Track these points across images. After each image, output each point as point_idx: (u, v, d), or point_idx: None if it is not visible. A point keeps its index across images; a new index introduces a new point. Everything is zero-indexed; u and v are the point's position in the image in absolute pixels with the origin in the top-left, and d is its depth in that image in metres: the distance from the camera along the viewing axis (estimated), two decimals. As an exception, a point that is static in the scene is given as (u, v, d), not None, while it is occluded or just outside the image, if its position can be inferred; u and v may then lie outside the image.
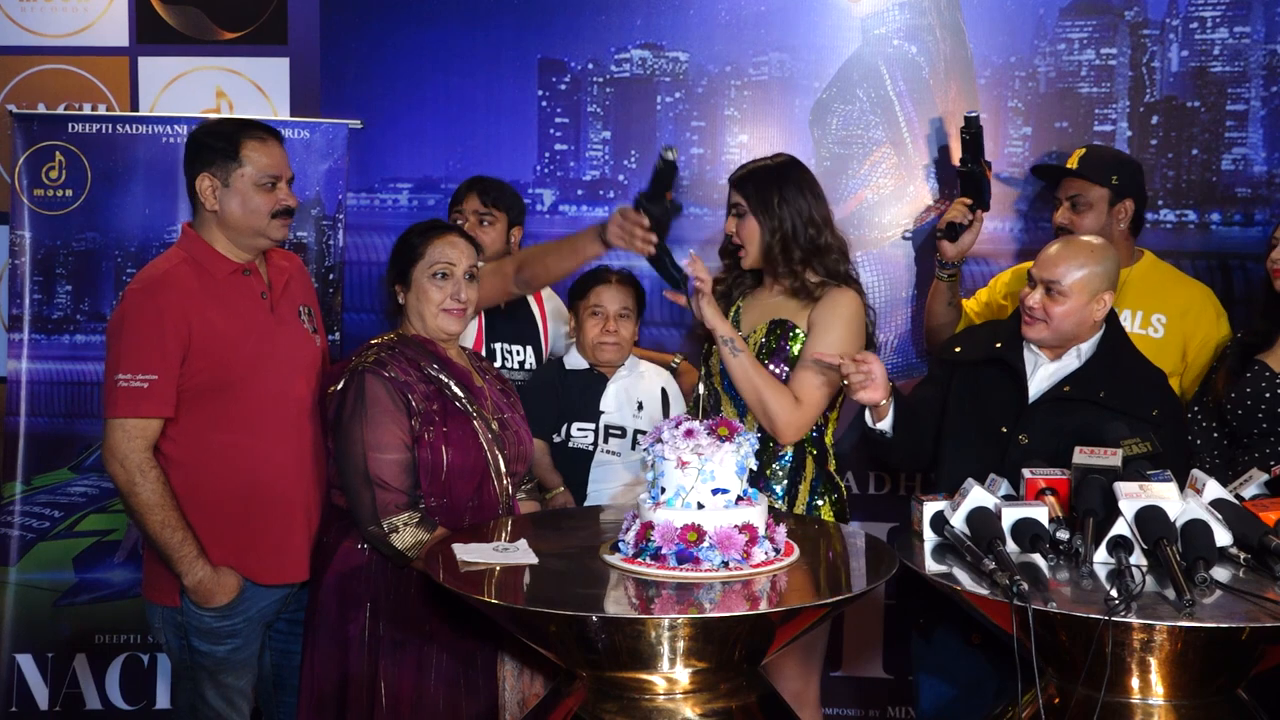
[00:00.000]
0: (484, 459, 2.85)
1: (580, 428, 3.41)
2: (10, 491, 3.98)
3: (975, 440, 3.00)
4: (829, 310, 3.08)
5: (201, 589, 2.86)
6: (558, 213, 4.08)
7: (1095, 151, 3.54)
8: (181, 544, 2.83)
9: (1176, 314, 3.42)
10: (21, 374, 4.01)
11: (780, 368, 3.08)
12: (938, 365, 3.23)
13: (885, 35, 3.95)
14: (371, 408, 2.77)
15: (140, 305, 2.85)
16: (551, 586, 2.46)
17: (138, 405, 2.81)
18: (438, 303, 2.90)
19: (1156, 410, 2.92)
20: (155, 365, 2.81)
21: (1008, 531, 2.50)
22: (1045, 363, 3.01)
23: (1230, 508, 2.49)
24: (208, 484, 2.88)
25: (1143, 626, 2.21)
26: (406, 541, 2.73)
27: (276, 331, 2.96)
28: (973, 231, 3.56)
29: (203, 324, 2.85)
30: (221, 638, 2.93)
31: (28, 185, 4.01)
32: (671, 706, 2.37)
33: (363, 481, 2.76)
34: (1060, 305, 2.93)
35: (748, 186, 3.14)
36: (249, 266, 2.96)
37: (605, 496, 3.36)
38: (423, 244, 2.93)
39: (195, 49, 4.25)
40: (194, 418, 2.86)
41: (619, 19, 4.03)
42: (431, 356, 2.90)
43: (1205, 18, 3.82)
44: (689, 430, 2.50)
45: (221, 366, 2.86)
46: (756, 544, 2.45)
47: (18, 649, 3.99)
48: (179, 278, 2.89)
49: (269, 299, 2.98)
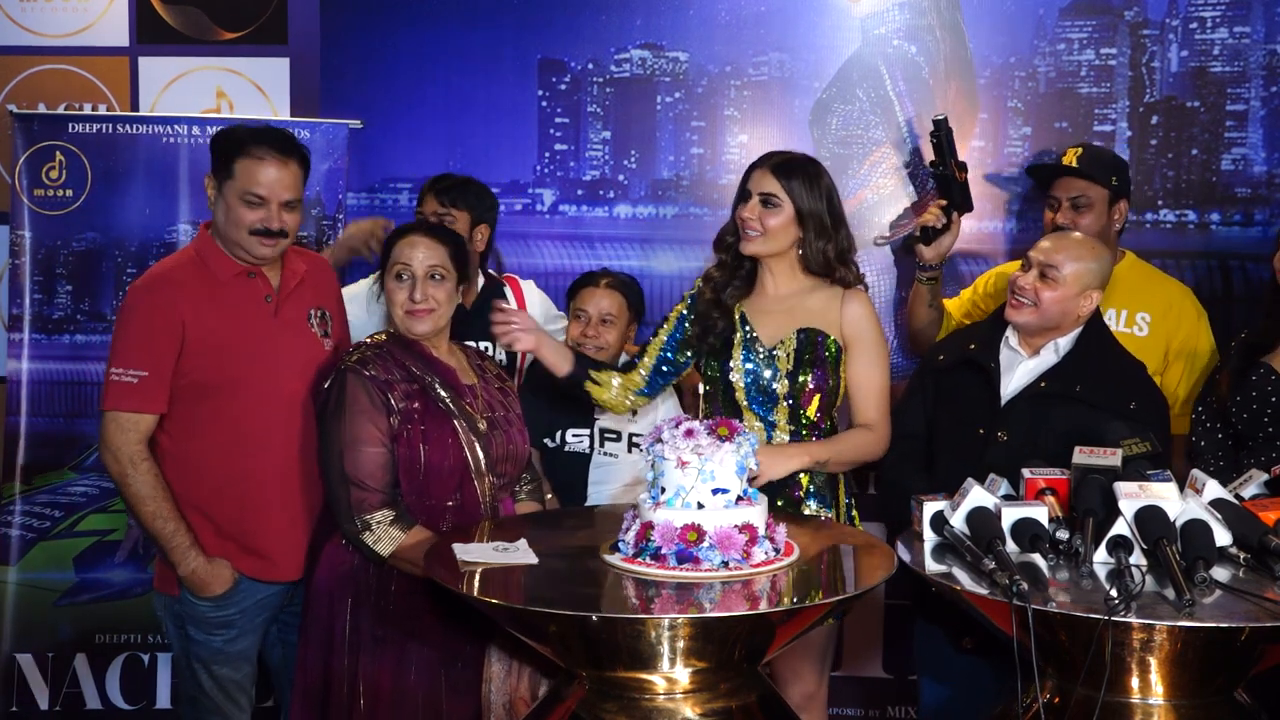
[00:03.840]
0: (463, 459, 2.85)
1: (575, 433, 3.40)
2: (10, 491, 3.98)
3: (958, 442, 3.05)
4: (865, 325, 3.07)
5: (195, 579, 2.92)
6: (558, 213, 4.08)
7: (1092, 151, 3.55)
8: (173, 535, 2.89)
9: (1159, 312, 3.44)
10: (21, 374, 4.01)
11: (821, 376, 3.04)
12: (918, 377, 3.26)
13: (885, 35, 3.95)
14: (350, 406, 2.80)
15: (138, 302, 2.92)
16: (551, 586, 2.46)
17: (129, 399, 2.87)
18: (400, 304, 2.89)
19: (1135, 403, 2.95)
20: (147, 362, 2.87)
21: (1007, 531, 2.49)
22: (1023, 359, 3.05)
23: (1230, 508, 2.49)
24: (202, 480, 2.93)
25: (1142, 626, 2.21)
26: (380, 539, 2.76)
27: (278, 334, 2.98)
28: (951, 234, 3.57)
29: (198, 323, 2.89)
30: (216, 628, 2.97)
31: (28, 185, 4.01)
32: (671, 706, 2.36)
33: (339, 480, 2.80)
34: (1052, 291, 2.97)
35: (791, 174, 3.06)
36: (253, 269, 2.99)
37: (605, 496, 3.36)
38: (390, 246, 2.96)
39: (195, 49, 4.25)
40: (189, 414, 2.91)
41: (619, 19, 4.03)
42: (416, 355, 2.91)
43: (1205, 18, 3.83)
44: (689, 430, 2.50)
45: (216, 366, 2.90)
46: (756, 544, 2.45)
47: (18, 649, 3.99)
48: (181, 276, 2.94)
49: (273, 302, 3.00)
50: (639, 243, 4.04)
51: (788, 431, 3.05)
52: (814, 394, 3.04)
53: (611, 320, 3.40)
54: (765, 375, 3.04)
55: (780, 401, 3.04)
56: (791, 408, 3.04)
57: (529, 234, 3.86)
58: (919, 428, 3.16)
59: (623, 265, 3.92)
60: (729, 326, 3.10)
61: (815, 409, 3.05)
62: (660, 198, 4.05)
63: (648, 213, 4.06)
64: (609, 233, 4.07)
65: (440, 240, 2.96)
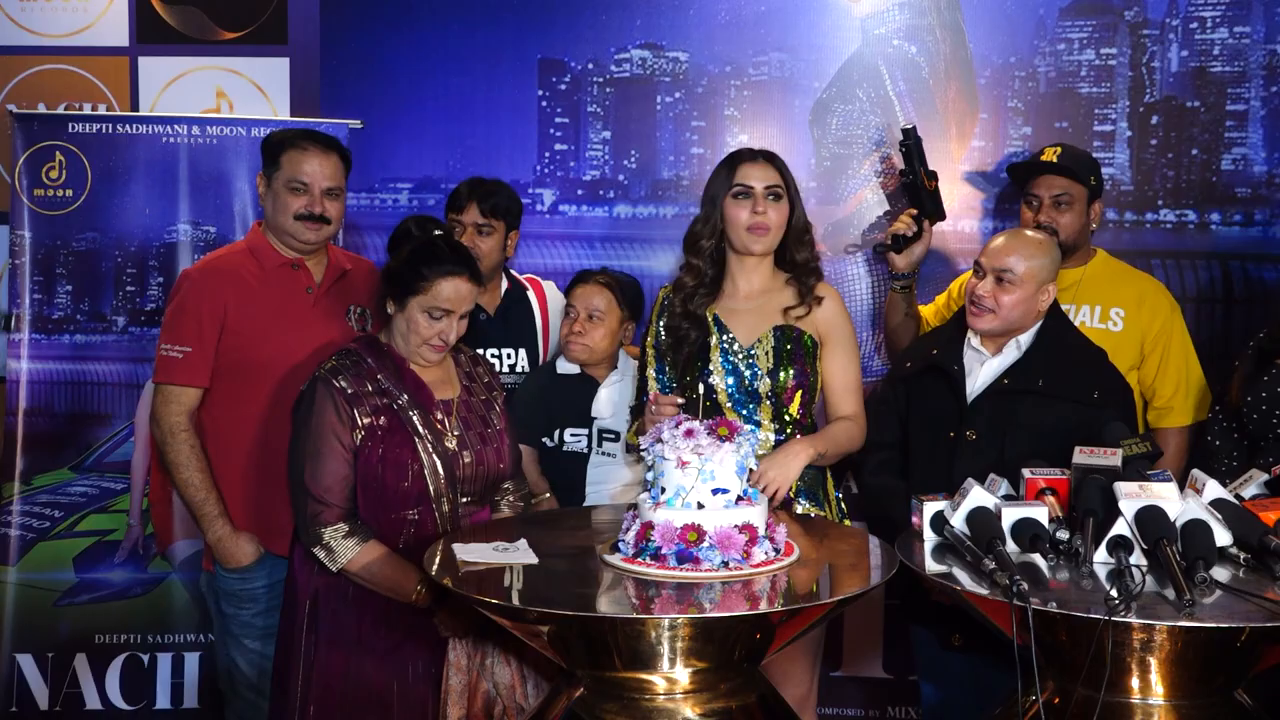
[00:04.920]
0: (422, 483, 2.83)
1: (574, 433, 3.40)
2: (10, 491, 3.98)
3: (930, 446, 3.08)
4: (840, 321, 3.11)
5: (221, 547, 3.18)
6: (558, 213, 4.08)
7: (1071, 150, 3.56)
8: (203, 503, 3.16)
9: (1133, 307, 3.46)
10: (21, 374, 4.01)
11: (802, 372, 3.05)
12: (888, 386, 3.28)
13: (885, 35, 3.95)
14: (316, 417, 2.80)
15: (188, 283, 3.22)
16: (551, 586, 2.46)
17: (174, 373, 3.16)
18: (425, 338, 2.85)
19: (1097, 392, 2.99)
20: (191, 339, 3.15)
21: (1007, 531, 2.49)
22: (987, 358, 3.08)
23: (1230, 508, 2.49)
24: (234, 454, 3.18)
25: (1143, 626, 2.21)
26: (332, 553, 2.77)
27: (315, 323, 3.21)
28: (923, 242, 3.60)
29: (239, 308, 3.16)
30: (244, 601, 3.23)
31: (28, 185, 4.01)
32: (671, 706, 2.36)
33: (299, 489, 2.81)
34: (1010, 294, 3.01)
35: (780, 162, 3.10)
36: (298, 262, 3.25)
37: (604, 496, 3.35)
38: (430, 278, 2.82)
39: (195, 49, 4.26)
40: (228, 392, 3.17)
41: (619, 19, 4.03)
42: (391, 367, 2.87)
43: (1205, 18, 3.82)
44: (689, 430, 2.50)
45: (252, 347, 3.16)
46: (756, 544, 2.45)
47: (18, 649, 3.99)
48: (229, 265, 3.23)
49: (314, 294, 3.26)
50: (639, 243, 4.04)
51: (773, 430, 3.05)
52: (796, 390, 3.06)
53: (600, 317, 3.37)
54: (746, 376, 3.04)
55: (763, 400, 3.04)
56: (775, 406, 3.04)
57: (529, 234, 3.86)
58: (894, 436, 3.20)
59: (623, 265, 3.92)
60: (703, 332, 3.09)
61: (797, 406, 3.07)
62: (660, 198, 4.05)
63: (648, 213, 4.06)
64: (609, 233, 4.07)
65: (475, 279, 2.91)
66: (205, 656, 3.95)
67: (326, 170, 3.20)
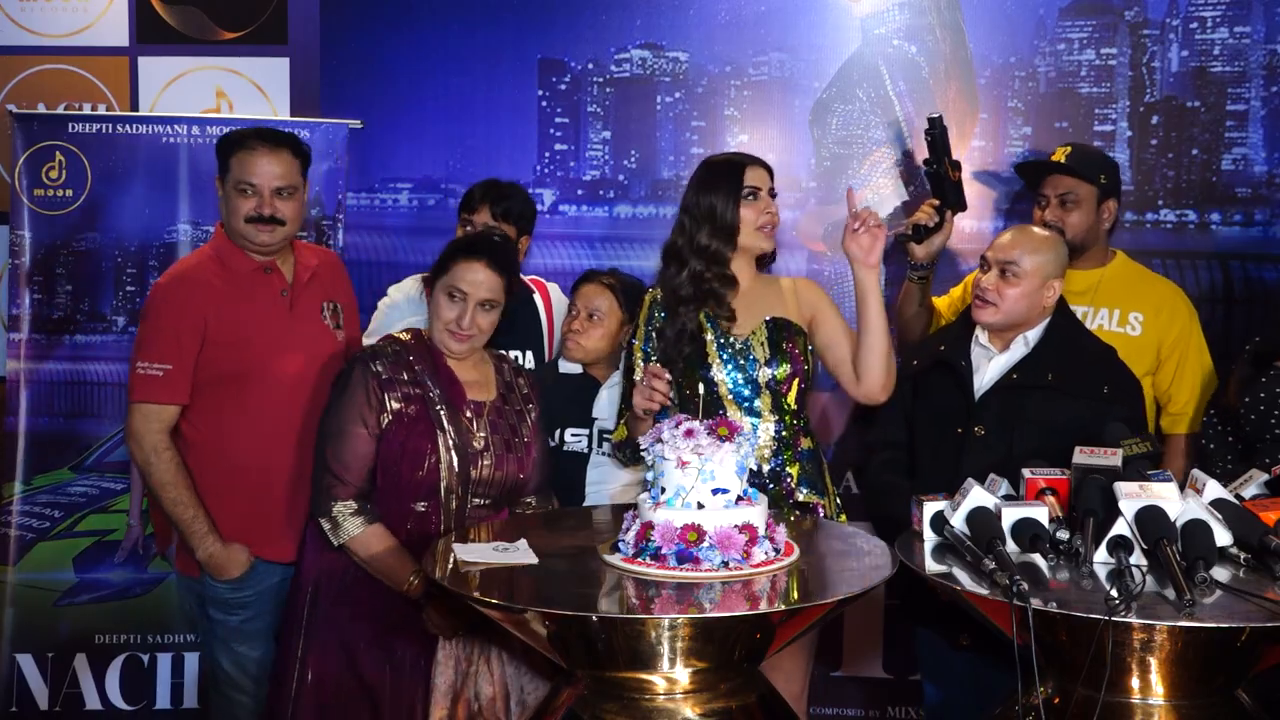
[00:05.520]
0: (436, 473, 2.87)
1: (574, 433, 3.40)
2: (10, 491, 3.98)
3: (937, 443, 3.09)
4: (823, 300, 3.17)
5: (213, 563, 3.11)
6: (558, 213, 4.08)
7: (1082, 149, 3.55)
8: (192, 521, 3.09)
9: (1152, 312, 3.45)
10: (21, 374, 4.00)
11: (798, 359, 3.08)
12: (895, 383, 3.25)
13: (885, 35, 3.95)
14: (348, 396, 2.88)
15: (162, 298, 3.13)
16: (551, 586, 2.46)
17: (153, 391, 3.07)
18: (444, 321, 2.94)
19: (1107, 387, 3.00)
20: (171, 356, 3.07)
21: (1008, 531, 2.49)
22: (994, 354, 3.10)
23: (1230, 508, 2.49)
24: (222, 465, 3.11)
25: (1143, 626, 2.21)
26: (337, 527, 2.83)
27: (294, 326, 3.17)
28: (943, 233, 3.56)
29: (219, 317, 3.09)
30: (233, 608, 3.17)
31: (28, 185, 4.01)
32: (671, 706, 2.36)
33: (320, 463, 2.88)
34: (1014, 287, 3.04)
35: None
36: (269, 264, 3.18)
37: (604, 496, 3.35)
38: (451, 260, 2.96)
39: (195, 49, 4.25)
40: (211, 403, 3.11)
41: (619, 19, 4.03)
42: (431, 363, 2.94)
43: (1205, 18, 3.82)
44: (689, 430, 2.50)
45: (236, 358, 3.09)
46: (756, 544, 2.45)
47: (18, 649, 3.99)
48: (201, 273, 3.15)
49: (289, 296, 3.20)
50: (639, 243, 4.04)
51: (772, 420, 3.07)
52: (793, 378, 3.08)
53: (600, 317, 3.37)
54: (747, 368, 3.06)
55: (763, 389, 3.07)
56: (774, 394, 3.07)
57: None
58: (900, 435, 3.20)
59: (623, 265, 3.91)
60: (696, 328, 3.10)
61: (794, 396, 3.09)
62: (660, 198, 4.05)
63: (648, 213, 4.06)
64: (609, 233, 4.07)
65: (501, 271, 2.97)
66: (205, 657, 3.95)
67: (276, 169, 3.11)
